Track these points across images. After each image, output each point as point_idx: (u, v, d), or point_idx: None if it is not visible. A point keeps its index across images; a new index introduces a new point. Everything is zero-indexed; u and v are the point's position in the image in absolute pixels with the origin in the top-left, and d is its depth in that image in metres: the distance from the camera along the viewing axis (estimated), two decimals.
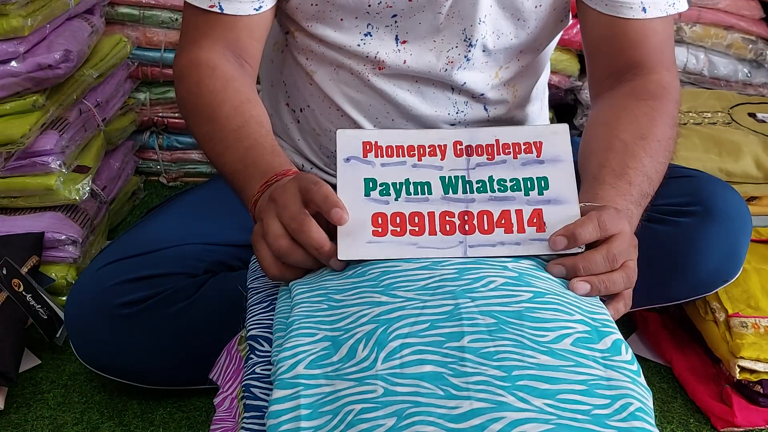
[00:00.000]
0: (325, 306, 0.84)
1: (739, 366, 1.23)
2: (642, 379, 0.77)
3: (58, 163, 1.46)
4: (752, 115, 1.67)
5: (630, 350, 0.78)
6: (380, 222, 0.92)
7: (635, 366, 0.76)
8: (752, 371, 1.23)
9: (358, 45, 1.20)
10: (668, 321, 1.39)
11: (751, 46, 1.85)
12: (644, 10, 1.17)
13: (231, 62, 1.15)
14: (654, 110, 1.12)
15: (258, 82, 1.34)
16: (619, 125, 1.10)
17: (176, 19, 1.81)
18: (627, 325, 1.42)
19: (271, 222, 0.87)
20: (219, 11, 1.15)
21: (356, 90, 1.25)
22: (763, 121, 1.65)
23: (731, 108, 1.69)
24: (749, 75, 1.88)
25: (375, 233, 0.91)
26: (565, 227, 0.89)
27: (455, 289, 0.83)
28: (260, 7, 1.14)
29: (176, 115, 1.89)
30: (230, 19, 1.16)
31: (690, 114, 1.67)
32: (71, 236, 1.48)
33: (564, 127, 0.95)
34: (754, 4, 1.87)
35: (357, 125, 1.28)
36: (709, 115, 1.67)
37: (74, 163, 1.52)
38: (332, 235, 0.88)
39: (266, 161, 1.00)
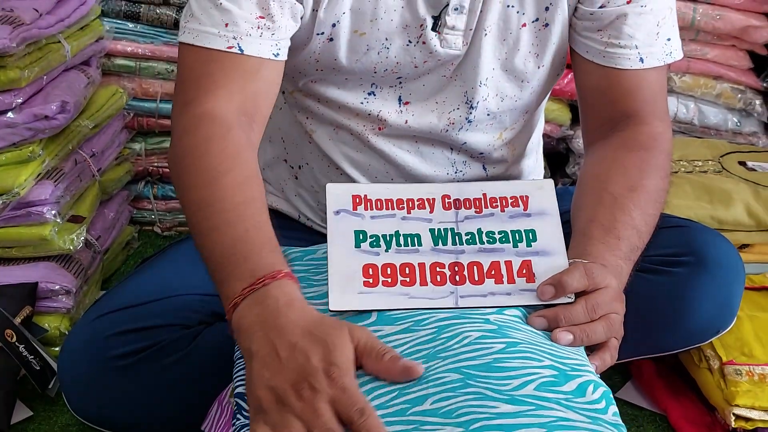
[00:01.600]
0: None
1: (734, 414, 1.24)
2: (610, 418, 0.79)
3: (53, 213, 1.46)
4: (742, 163, 1.69)
5: (600, 391, 0.80)
6: (371, 273, 0.93)
7: (601, 405, 0.79)
8: (747, 419, 1.25)
9: (361, 103, 1.21)
10: (663, 369, 1.39)
11: (740, 95, 1.87)
12: (641, 60, 1.19)
13: (243, 125, 1.07)
14: (644, 162, 1.12)
15: None
16: (609, 178, 1.11)
17: (172, 71, 1.80)
18: (622, 374, 1.42)
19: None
20: (239, 52, 1.08)
21: (356, 150, 1.26)
22: (753, 170, 1.67)
23: (722, 156, 1.72)
24: (739, 124, 1.90)
25: (366, 284, 0.91)
26: (553, 276, 0.92)
27: (429, 351, 0.84)
28: (278, 53, 1.11)
29: (167, 166, 1.87)
30: (250, 63, 1.10)
31: (681, 162, 1.69)
32: (65, 286, 1.47)
33: (549, 183, 0.99)
34: (743, 54, 1.91)
35: (355, 181, 1.28)
36: (700, 163, 1.70)
37: (69, 213, 1.52)
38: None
39: (260, 257, 0.91)
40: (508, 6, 1.16)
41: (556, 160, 1.87)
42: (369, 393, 0.81)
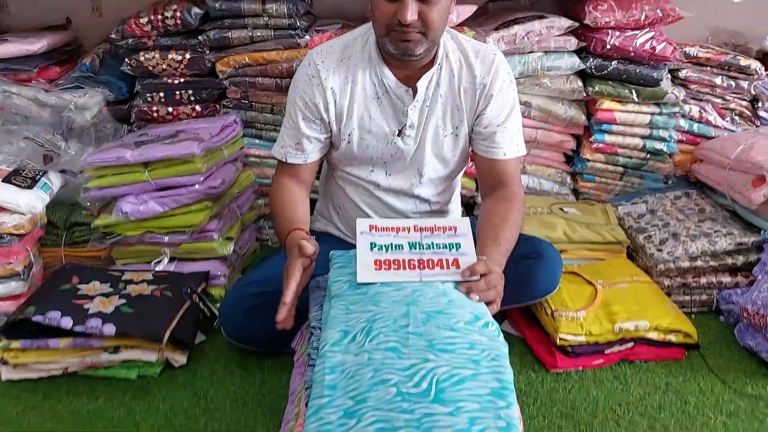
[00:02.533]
0: (344, 311, 0.87)
1: (559, 338, 1.25)
2: (501, 339, 0.82)
3: (216, 236, 1.48)
4: (561, 209, 1.69)
5: (495, 325, 0.84)
6: (378, 263, 0.95)
7: (496, 333, 0.83)
8: (566, 340, 1.25)
9: (367, 176, 1.26)
10: (523, 313, 1.39)
11: (559, 175, 1.86)
12: (505, 154, 1.20)
13: (294, 185, 1.23)
14: (510, 207, 1.16)
15: (315, 192, 1.40)
16: (493, 215, 1.15)
17: (276, 164, 1.74)
18: (502, 316, 1.40)
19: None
20: (285, 161, 1.24)
21: (367, 197, 1.29)
22: (566, 212, 1.67)
23: (551, 206, 1.71)
24: (559, 189, 1.87)
25: (376, 269, 0.94)
26: (469, 267, 0.95)
27: (410, 301, 0.87)
28: (306, 159, 1.23)
29: None
30: (293, 166, 1.23)
31: (531, 208, 1.69)
32: (223, 273, 1.48)
33: (467, 220, 1.02)
34: (560, 154, 1.87)
35: (368, 216, 1.29)
36: (539, 209, 1.70)
37: (226, 235, 1.53)
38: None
39: (294, 223, 1.13)
40: (437, 126, 1.21)
41: (469, 206, 1.82)
42: (376, 321, 0.84)
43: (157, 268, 1.42)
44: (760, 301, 1.23)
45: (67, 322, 1.14)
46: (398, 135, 1.18)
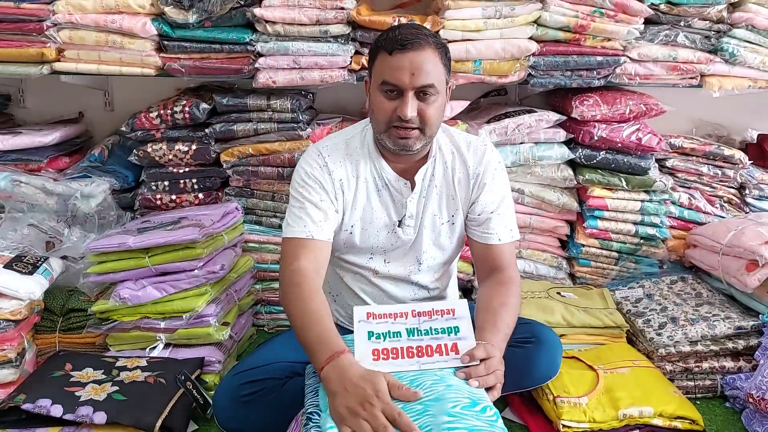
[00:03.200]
0: None
1: (562, 424, 1.27)
2: (500, 424, 0.83)
3: (213, 321, 1.50)
4: (558, 293, 1.74)
5: (493, 410, 0.85)
6: (376, 353, 0.95)
7: (494, 418, 0.84)
8: (569, 427, 1.26)
9: (365, 263, 1.30)
10: (525, 400, 1.39)
11: (554, 259, 1.95)
12: (499, 240, 1.25)
13: (314, 273, 1.14)
14: (508, 291, 1.18)
15: None
16: (491, 299, 1.17)
17: (276, 249, 1.84)
18: (504, 403, 1.39)
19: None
20: (311, 238, 1.16)
21: (365, 284, 1.33)
22: (564, 296, 1.72)
23: (548, 290, 1.76)
24: (555, 273, 1.95)
25: (374, 360, 0.94)
26: (468, 351, 0.96)
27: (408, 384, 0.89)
28: (330, 237, 1.20)
29: (274, 296, 1.86)
30: (317, 243, 1.16)
31: (528, 293, 1.73)
32: (218, 359, 1.49)
33: (465, 302, 1.04)
34: (555, 239, 1.96)
35: (365, 303, 1.31)
36: (537, 293, 1.74)
37: (222, 320, 1.56)
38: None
39: (332, 341, 0.98)
40: (434, 215, 1.27)
41: (467, 290, 1.88)
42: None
43: (151, 354, 1.42)
44: (764, 386, 1.25)
45: (57, 410, 1.15)
46: (398, 225, 1.24)
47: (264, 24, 1.68)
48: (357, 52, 1.75)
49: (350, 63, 1.73)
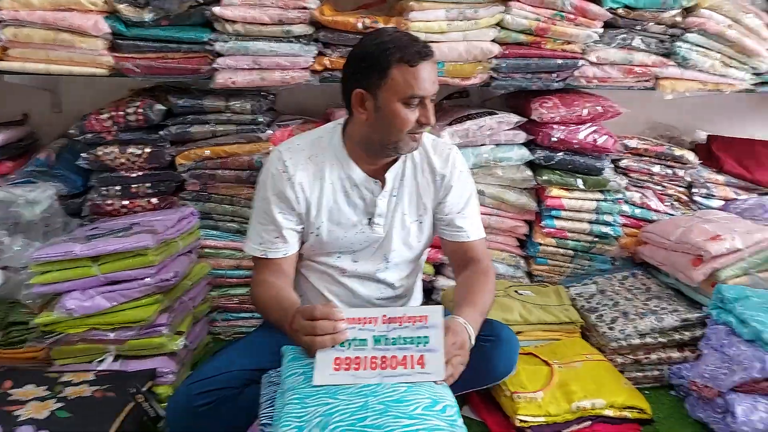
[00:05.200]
0: (299, 405, 0.88)
1: (518, 419, 1.33)
2: (459, 423, 0.86)
3: (166, 330, 1.48)
4: (516, 291, 1.81)
5: (454, 409, 0.87)
6: (338, 362, 0.95)
7: (454, 417, 0.86)
8: (525, 422, 1.33)
9: (333, 262, 1.31)
10: (483, 397, 1.45)
11: (514, 259, 2.02)
12: (469, 237, 1.30)
13: (278, 279, 1.23)
14: (486, 279, 1.26)
15: None
16: (470, 285, 1.24)
17: (233, 254, 1.85)
18: (462, 401, 1.43)
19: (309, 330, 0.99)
20: (266, 257, 1.24)
21: (331, 284, 1.34)
22: (522, 294, 1.79)
23: (506, 288, 1.82)
24: (514, 272, 2.02)
25: (335, 369, 0.94)
26: (448, 372, 0.97)
27: (368, 392, 0.90)
28: (287, 252, 1.25)
29: (231, 302, 1.87)
30: (274, 261, 1.24)
31: None
32: (171, 370, 1.47)
33: (440, 308, 1.00)
34: (514, 239, 2.03)
35: (333, 302, 1.29)
36: (496, 292, 1.66)
37: (176, 330, 1.54)
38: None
39: (291, 307, 1.10)
40: (404, 214, 1.30)
41: (428, 291, 1.92)
42: (332, 414, 0.85)
43: (99, 367, 1.39)
44: (707, 374, 1.35)
45: None
46: (368, 224, 1.26)
47: (223, 23, 1.66)
48: (320, 53, 1.75)
49: (313, 64, 1.73)
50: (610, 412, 1.34)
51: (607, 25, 1.87)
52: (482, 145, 1.91)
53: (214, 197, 1.84)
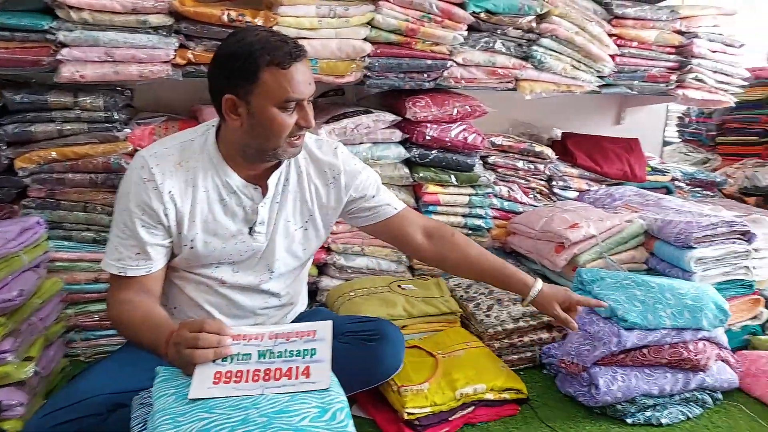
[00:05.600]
0: (171, 426, 0.83)
1: (406, 412, 1.33)
2: (350, 428, 0.84)
3: (12, 357, 1.34)
4: (399, 286, 1.84)
5: (344, 413, 0.86)
6: (217, 376, 0.92)
7: (345, 422, 0.84)
8: (413, 414, 1.34)
9: (211, 273, 1.24)
10: (371, 395, 1.43)
11: (396, 254, 2.01)
12: (395, 208, 1.32)
13: (141, 296, 1.15)
14: (464, 239, 1.35)
15: None
16: (470, 254, 1.33)
17: (90, 267, 1.72)
18: (351, 401, 1.37)
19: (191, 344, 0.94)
20: (125, 275, 1.15)
21: (210, 295, 1.26)
22: (404, 288, 1.82)
23: (390, 284, 1.84)
24: (396, 267, 2.02)
25: (214, 383, 0.91)
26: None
27: (248, 404, 0.86)
28: (150, 269, 1.16)
29: (90, 320, 1.73)
30: (135, 279, 1.15)
31: (371, 289, 1.79)
32: (20, 401, 1.34)
33: (329, 323, 1.00)
34: None
35: (209, 314, 1.26)
36: (380, 288, 1.81)
37: (24, 355, 1.40)
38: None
39: (162, 330, 1.02)
40: (287, 221, 1.25)
41: (311, 293, 1.86)
42: (209, 430, 0.82)
43: None
44: (573, 352, 1.47)
45: None
46: (249, 233, 1.20)
47: (67, 10, 1.52)
48: (183, 46, 1.67)
49: (174, 57, 1.65)
50: (490, 396, 1.40)
51: (471, 29, 1.98)
52: (360, 143, 1.94)
53: (63, 204, 1.70)
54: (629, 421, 1.41)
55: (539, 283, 1.31)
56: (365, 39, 1.84)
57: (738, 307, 1.74)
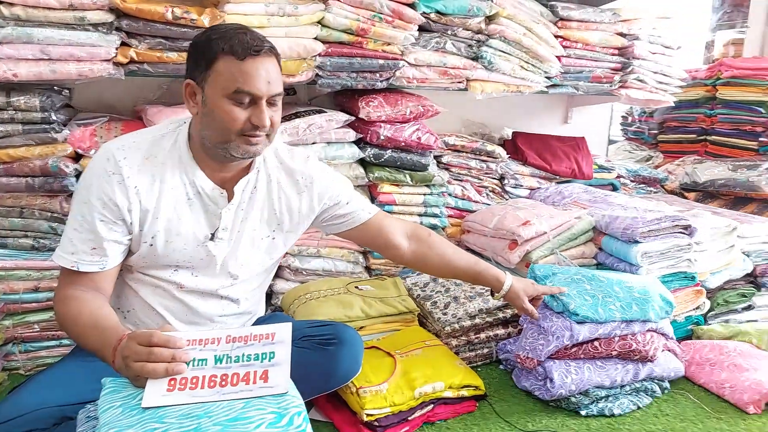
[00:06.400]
0: None
1: (366, 414, 1.33)
2: (307, 430, 0.84)
3: None
4: (356, 287, 1.85)
5: (302, 416, 0.84)
6: (172, 383, 0.89)
7: (303, 426, 0.83)
8: (372, 415, 1.34)
9: (169, 276, 1.20)
10: (330, 397, 1.42)
11: (352, 255, 2.04)
12: (370, 213, 1.32)
13: (90, 293, 1.10)
14: (439, 239, 1.39)
15: None
16: (445, 254, 1.37)
17: (29, 275, 1.64)
18: (309, 404, 1.41)
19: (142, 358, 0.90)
20: (77, 270, 1.10)
21: (166, 299, 1.22)
22: (361, 289, 1.83)
23: (347, 285, 1.85)
24: (353, 268, 2.04)
25: (168, 390, 0.88)
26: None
27: (201, 412, 0.84)
28: (104, 266, 1.12)
29: (30, 331, 1.65)
30: (87, 275, 1.11)
31: (328, 290, 1.79)
32: None
33: (288, 325, 0.98)
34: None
35: (164, 320, 1.21)
36: (337, 290, 1.81)
37: None
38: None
39: (111, 336, 0.98)
40: (254, 230, 1.22)
41: (267, 295, 1.81)
42: None
43: None
44: (528, 347, 1.49)
45: None
46: (210, 239, 1.17)
47: None
48: (124, 44, 1.63)
49: (116, 55, 1.60)
50: (449, 393, 1.41)
51: (422, 29, 2.01)
52: (313, 143, 1.93)
53: None
54: (583, 413, 1.45)
55: (509, 278, 1.41)
56: (316, 38, 1.83)
57: (682, 298, 1.82)
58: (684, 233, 1.84)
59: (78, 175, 1.69)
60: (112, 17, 1.58)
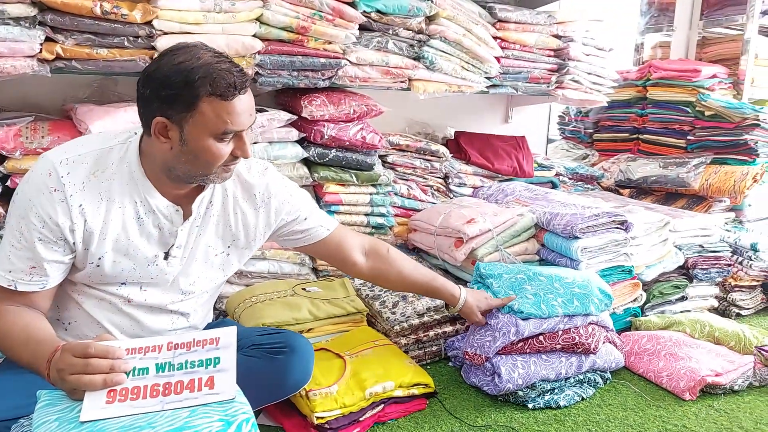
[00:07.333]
0: None
1: (316, 417, 1.32)
2: None
3: None
4: (304, 288, 1.83)
5: (249, 424, 0.83)
6: (111, 395, 0.86)
7: None
8: (322, 418, 1.33)
9: (116, 289, 1.16)
10: (279, 402, 1.36)
11: (298, 256, 2.00)
12: (328, 229, 1.34)
13: (26, 310, 1.06)
14: (398, 254, 1.44)
15: None
16: (402, 265, 1.43)
17: None
18: (257, 410, 1.38)
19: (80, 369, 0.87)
20: (14, 289, 1.05)
21: (113, 313, 1.17)
22: (309, 291, 1.81)
23: (293, 287, 1.83)
24: (300, 270, 2.01)
25: (107, 402, 0.86)
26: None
27: (143, 424, 0.82)
28: (44, 286, 1.07)
29: None
30: (24, 294, 1.06)
31: (274, 293, 1.76)
32: None
33: (233, 329, 0.97)
34: None
35: (112, 334, 1.17)
36: (283, 292, 1.78)
37: None
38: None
39: (48, 344, 0.97)
40: (208, 246, 1.20)
41: None
42: None
43: None
44: (476, 343, 1.53)
45: None
46: (164, 258, 1.14)
47: None
48: (49, 39, 1.55)
49: (40, 51, 1.53)
50: (399, 392, 1.42)
51: (364, 28, 2.02)
52: (255, 143, 1.91)
53: None
54: (530, 405, 1.49)
55: (464, 293, 1.52)
56: (255, 36, 1.81)
57: (620, 291, 1.91)
58: (620, 228, 1.93)
59: (2, 178, 1.61)
60: (34, 11, 1.52)
